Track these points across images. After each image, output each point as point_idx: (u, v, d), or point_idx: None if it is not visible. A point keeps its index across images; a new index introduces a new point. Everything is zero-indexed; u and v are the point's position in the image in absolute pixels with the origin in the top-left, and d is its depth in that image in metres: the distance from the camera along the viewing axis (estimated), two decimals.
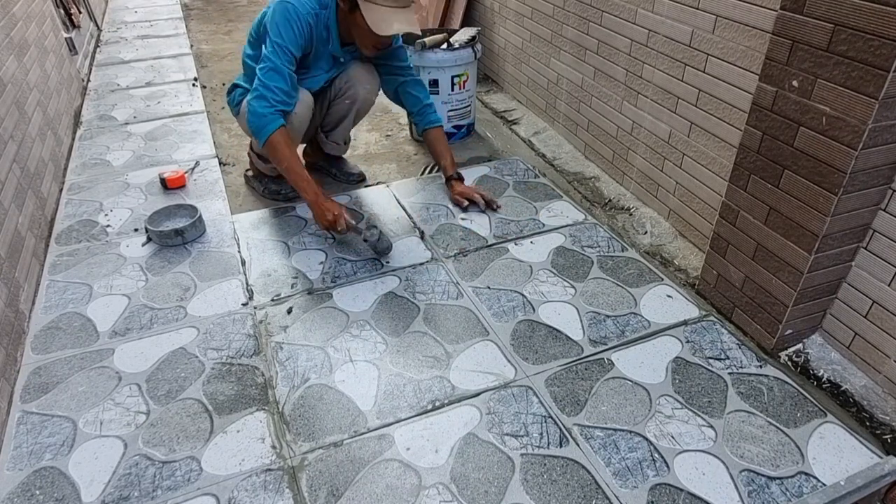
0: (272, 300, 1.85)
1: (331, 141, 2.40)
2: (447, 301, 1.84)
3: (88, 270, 2.00)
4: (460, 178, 2.35)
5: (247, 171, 2.51)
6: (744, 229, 1.62)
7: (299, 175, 1.93)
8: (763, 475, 1.31)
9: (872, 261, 1.45)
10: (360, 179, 2.52)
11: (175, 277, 1.96)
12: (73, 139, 2.91)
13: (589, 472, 1.33)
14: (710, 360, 1.60)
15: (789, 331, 1.59)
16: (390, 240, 2.03)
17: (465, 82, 2.70)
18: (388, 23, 1.89)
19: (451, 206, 2.33)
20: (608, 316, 1.76)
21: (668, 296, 1.84)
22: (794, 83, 1.36)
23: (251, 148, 2.36)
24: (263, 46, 1.95)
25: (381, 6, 1.89)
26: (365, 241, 1.98)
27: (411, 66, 2.30)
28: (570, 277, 1.92)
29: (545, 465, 1.35)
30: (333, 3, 1.97)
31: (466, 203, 2.26)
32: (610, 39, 2.24)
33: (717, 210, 1.74)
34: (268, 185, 2.40)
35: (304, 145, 2.52)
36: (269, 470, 1.35)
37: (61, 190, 2.48)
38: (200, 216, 2.17)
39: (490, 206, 2.27)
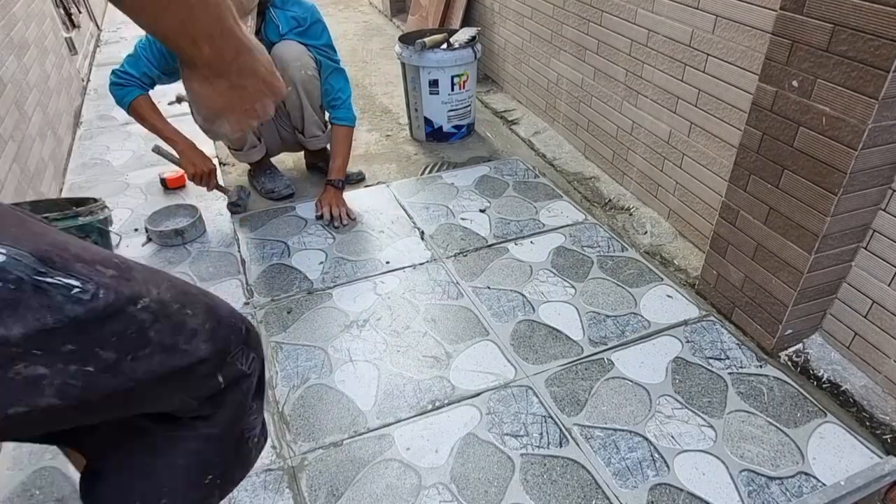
0: (272, 300, 1.85)
1: (309, 137, 2.34)
2: (447, 301, 1.84)
3: None
4: (339, 187, 2.27)
5: (248, 170, 2.52)
6: (744, 229, 1.62)
7: (165, 130, 2.07)
8: (763, 475, 1.31)
9: (872, 261, 1.45)
10: (359, 179, 2.52)
11: None
12: (73, 139, 2.91)
13: (589, 472, 1.33)
14: (710, 360, 1.60)
15: (789, 331, 1.59)
16: (245, 199, 2.26)
17: (465, 82, 2.70)
18: None
19: (451, 206, 2.33)
20: (608, 316, 1.76)
21: (668, 296, 1.84)
22: (794, 83, 1.36)
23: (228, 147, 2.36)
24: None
25: None
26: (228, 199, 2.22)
27: (330, 45, 2.17)
28: (570, 277, 1.92)
29: (545, 465, 1.35)
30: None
31: (321, 212, 2.22)
32: (610, 39, 2.24)
33: (717, 210, 1.74)
34: (263, 185, 2.40)
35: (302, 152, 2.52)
36: (269, 470, 1.35)
37: (61, 190, 2.48)
38: (200, 216, 2.17)
39: (332, 223, 2.21)
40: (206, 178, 2.12)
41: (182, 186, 2.47)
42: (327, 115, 2.30)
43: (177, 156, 2.13)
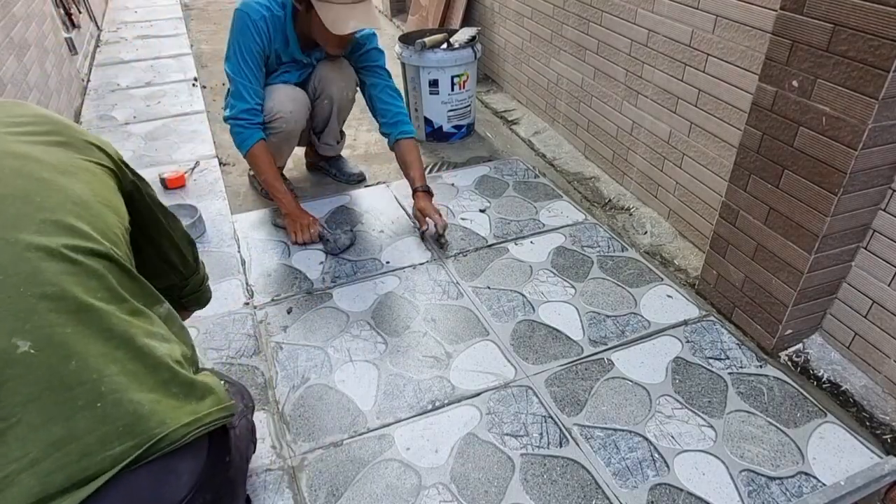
0: (272, 300, 1.85)
1: (323, 143, 2.41)
2: (447, 301, 1.84)
3: None
4: (427, 192, 2.16)
5: (249, 170, 2.52)
6: (744, 229, 1.62)
7: (276, 187, 2.08)
8: (763, 475, 1.31)
9: (872, 261, 1.45)
10: (359, 179, 2.52)
11: None
12: None
13: (589, 472, 1.33)
14: (710, 360, 1.60)
15: (789, 331, 1.59)
16: (347, 240, 2.08)
17: (465, 82, 2.70)
18: (345, 21, 1.84)
19: (451, 206, 2.32)
20: (608, 316, 1.76)
21: (668, 296, 1.84)
22: (794, 83, 1.36)
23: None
24: (227, 53, 1.98)
25: (335, 4, 1.83)
26: (324, 241, 2.08)
27: (384, 67, 2.21)
28: (570, 277, 1.92)
29: (545, 465, 1.35)
30: (290, 5, 1.94)
31: (424, 227, 2.10)
32: (610, 39, 2.24)
33: (717, 210, 1.74)
34: (264, 192, 2.40)
35: (305, 147, 2.52)
36: (269, 470, 1.35)
37: None
38: (200, 216, 2.18)
39: (438, 241, 2.09)
40: (307, 233, 2.08)
41: (182, 186, 2.47)
42: (384, 130, 2.22)
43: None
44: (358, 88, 2.29)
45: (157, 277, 1.12)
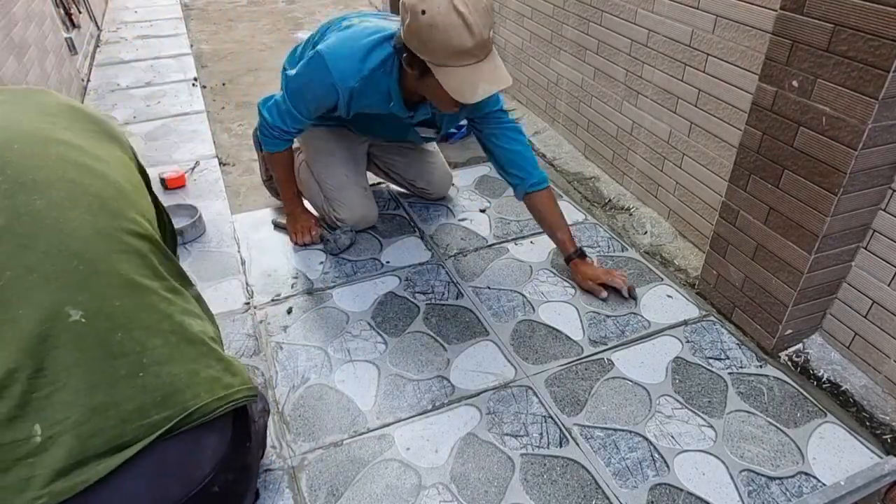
0: (272, 300, 1.85)
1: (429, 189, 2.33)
2: (447, 301, 1.84)
3: None
4: (583, 256, 1.89)
5: (266, 180, 2.44)
6: (744, 229, 1.62)
7: (286, 188, 2.05)
8: (763, 475, 1.31)
9: (872, 261, 1.45)
10: None
11: None
12: None
13: (589, 472, 1.33)
14: (710, 360, 1.60)
15: (789, 331, 1.59)
16: (347, 240, 2.05)
17: None
18: (472, 86, 1.49)
19: (451, 206, 2.32)
20: (608, 316, 1.76)
21: (668, 296, 1.84)
22: (794, 83, 1.36)
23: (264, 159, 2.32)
24: (285, 77, 1.82)
25: (458, 67, 1.48)
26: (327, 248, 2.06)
27: (502, 108, 1.86)
28: (570, 277, 1.92)
29: (545, 465, 1.35)
30: (395, 64, 1.63)
31: (605, 293, 1.82)
32: (610, 39, 2.24)
33: (717, 210, 1.74)
34: (272, 182, 2.34)
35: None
36: (269, 470, 1.35)
37: None
38: (200, 216, 2.17)
39: (631, 294, 1.83)
40: (308, 235, 2.08)
41: (182, 186, 2.47)
42: (510, 182, 1.91)
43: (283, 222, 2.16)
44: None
45: None
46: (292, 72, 1.75)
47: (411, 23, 1.46)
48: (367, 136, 2.13)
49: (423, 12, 1.44)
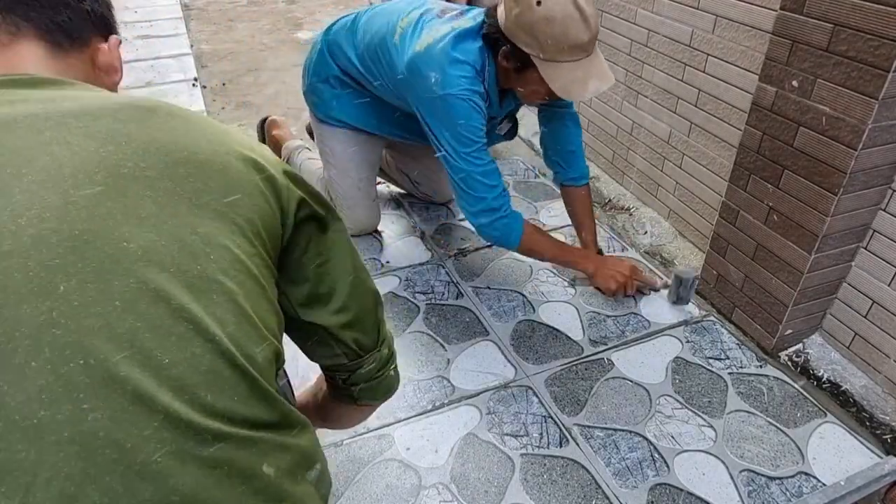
0: None
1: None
2: (447, 301, 1.84)
3: None
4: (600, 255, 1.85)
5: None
6: (744, 229, 1.62)
7: (564, 255, 1.76)
8: (763, 475, 1.31)
9: (872, 261, 1.45)
10: None
11: None
12: None
13: (589, 472, 1.33)
14: (710, 360, 1.60)
15: (789, 331, 1.59)
16: (692, 285, 1.73)
17: None
18: (582, 83, 1.43)
19: (451, 205, 2.32)
20: (608, 316, 1.76)
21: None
22: (794, 83, 1.36)
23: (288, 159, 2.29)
24: (443, 149, 1.56)
25: (567, 63, 1.41)
26: (675, 295, 1.74)
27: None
28: (570, 277, 1.92)
29: (545, 465, 1.35)
30: (491, 62, 1.53)
31: (613, 292, 1.79)
32: (610, 39, 2.24)
33: (717, 210, 1.74)
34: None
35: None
36: None
37: None
38: None
39: (653, 288, 1.81)
40: (632, 283, 1.74)
41: None
42: (548, 164, 1.89)
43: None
44: None
45: (309, 351, 0.83)
46: (444, 143, 1.56)
47: (522, 14, 1.37)
48: (389, 139, 2.01)
49: (539, 3, 1.35)
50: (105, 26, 0.77)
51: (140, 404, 0.47)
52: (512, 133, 1.93)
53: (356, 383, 0.86)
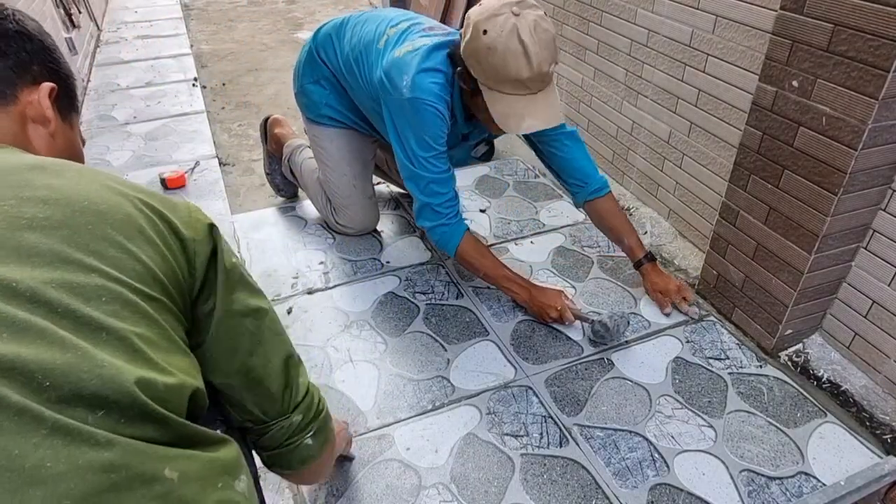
0: (272, 300, 1.85)
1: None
2: (447, 301, 1.84)
3: None
4: (653, 261, 1.81)
5: (268, 142, 2.38)
6: (744, 229, 1.62)
7: (501, 277, 1.71)
8: (763, 475, 1.31)
9: (872, 261, 1.45)
10: None
11: None
12: None
13: (589, 472, 1.33)
14: (710, 360, 1.60)
15: (789, 331, 1.59)
16: (624, 328, 1.66)
17: None
18: (518, 118, 1.45)
19: None
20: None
21: None
22: (794, 83, 1.36)
23: (288, 159, 2.28)
24: (404, 151, 1.61)
25: (507, 95, 1.43)
26: (594, 332, 1.64)
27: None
28: (570, 277, 1.92)
29: (545, 465, 1.35)
30: (453, 79, 1.56)
31: (669, 309, 1.75)
32: (610, 39, 2.24)
33: (717, 210, 1.74)
34: (274, 178, 2.35)
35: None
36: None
37: None
38: None
39: (699, 316, 1.76)
40: (566, 314, 1.66)
41: (182, 186, 2.47)
42: (570, 190, 1.85)
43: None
44: None
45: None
46: (405, 144, 1.61)
47: (471, 40, 1.42)
48: (380, 139, 2.03)
49: (485, 32, 1.39)
50: (40, 74, 0.76)
51: (26, 415, 0.47)
52: (487, 156, 1.93)
53: (264, 449, 0.81)
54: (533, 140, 1.79)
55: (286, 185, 2.36)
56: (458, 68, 1.50)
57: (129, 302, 0.58)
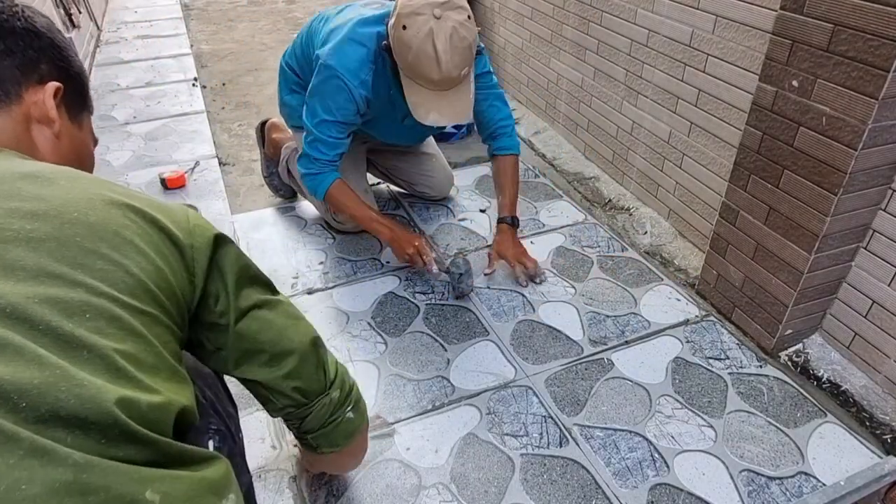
0: None
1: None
2: (447, 301, 1.84)
3: None
4: (514, 225, 1.91)
5: (266, 147, 2.41)
6: (744, 229, 1.62)
7: (367, 218, 1.84)
8: (763, 475, 1.31)
9: (872, 261, 1.45)
10: None
11: None
12: None
13: (589, 472, 1.33)
14: (710, 360, 1.60)
15: (789, 331, 1.59)
16: (472, 280, 1.81)
17: None
18: (426, 109, 1.57)
19: (451, 206, 2.32)
20: (608, 316, 1.76)
21: (668, 296, 1.84)
22: (794, 83, 1.36)
23: (265, 132, 2.33)
24: (305, 110, 1.75)
25: (421, 87, 1.55)
26: (447, 272, 1.80)
27: (490, 71, 1.89)
28: (570, 277, 1.92)
29: (545, 465, 1.35)
30: (380, 52, 1.66)
31: (491, 271, 1.88)
32: (610, 39, 2.24)
33: (717, 210, 1.74)
34: (272, 180, 2.37)
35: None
36: (269, 470, 1.35)
37: None
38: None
39: (532, 280, 1.88)
40: (419, 254, 1.78)
41: (182, 186, 2.47)
42: (483, 140, 2.00)
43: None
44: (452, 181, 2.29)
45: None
46: (309, 103, 1.72)
47: (394, 29, 1.52)
48: (368, 139, 2.10)
49: (405, 28, 1.49)
50: (48, 73, 0.75)
51: (1, 435, 0.47)
52: (453, 133, 2.05)
53: (309, 431, 0.83)
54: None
55: (285, 187, 2.36)
56: (385, 42, 1.61)
57: (114, 317, 0.57)
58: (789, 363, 1.61)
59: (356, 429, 0.86)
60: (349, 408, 0.85)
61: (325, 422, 0.83)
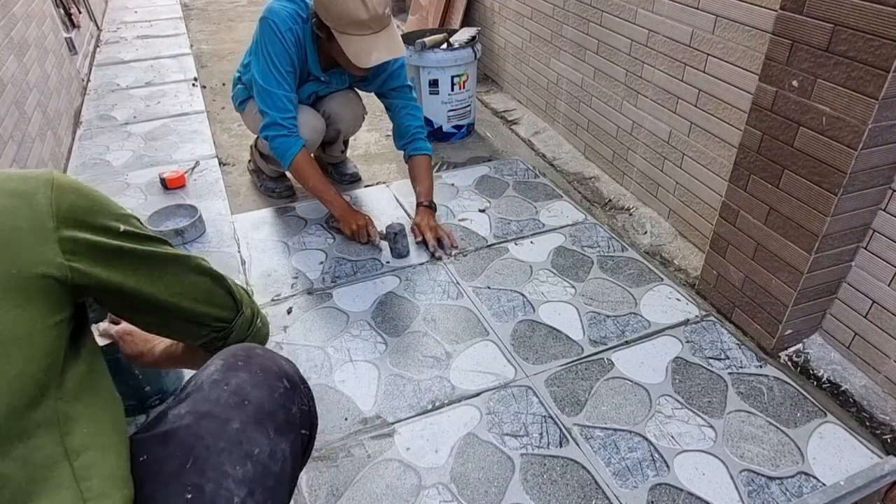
0: (272, 300, 1.85)
1: (328, 154, 2.46)
2: (447, 301, 1.84)
3: None
4: (430, 207, 2.14)
5: (249, 161, 2.52)
6: (744, 229, 1.62)
7: (323, 192, 2.05)
8: (763, 475, 1.31)
9: (872, 261, 1.45)
10: (352, 180, 2.52)
11: None
12: (73, 139, 2.91)
13: (589, 472, 1.33)
14: (710, 360, 1.60)
15: (789, 331, 1.59)
16: (407, 241, 2.05)
17: (465, 82, 2.70)
18: (367, 53, 1.79)
19: (451, 206, 2.33)
20: (608, 316, 1.76)
21: (668, 296, 1.84)
22: (794, 83, 1.36)
23: (255, 144, 2.36)
24: (253, 65, 1.93)
25: (355, 36, 1.77)
26: (384, 238, 2.04)
27: (407, 84, 2.17)
28: (570, 277, 1.92)
29: (545, 465, 1.35)
30: (309, 25, 1.88)
31: (419, 239, 2.08)
32: (610, 39, 2.24)
33: (717, 210, 1.74)
34: (264, 182, 2.42)
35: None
36: None
37: None
38: (200, 216, 2.17)
39: (433, 254, 2.02)
40: (363, 232, 2.06)
41: (182, 186, 2.47)
42: (399, 146, 2.23)
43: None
44: (365, 116, 2.37)
45: (180, 335, 0.91)
46: (254, 61, 1.92)
47: None
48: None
49: None
50: None
51: None
52: (360, 80, 2.17)
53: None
54: (388, 101, 2.18)
55: (276, 184, 2.39)
56: (314, 19, 1.83)
57: None
58: (789, 363, 1.61)
59: (266, 335, 1.00)
60: (258, 319, 0.97)
61: (243, 337, 0.94)
